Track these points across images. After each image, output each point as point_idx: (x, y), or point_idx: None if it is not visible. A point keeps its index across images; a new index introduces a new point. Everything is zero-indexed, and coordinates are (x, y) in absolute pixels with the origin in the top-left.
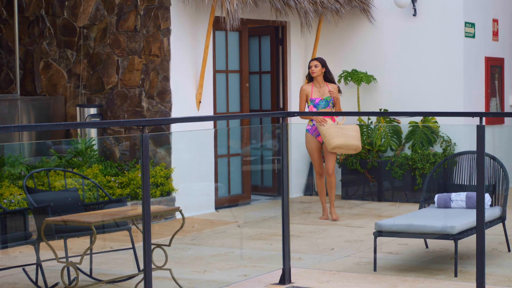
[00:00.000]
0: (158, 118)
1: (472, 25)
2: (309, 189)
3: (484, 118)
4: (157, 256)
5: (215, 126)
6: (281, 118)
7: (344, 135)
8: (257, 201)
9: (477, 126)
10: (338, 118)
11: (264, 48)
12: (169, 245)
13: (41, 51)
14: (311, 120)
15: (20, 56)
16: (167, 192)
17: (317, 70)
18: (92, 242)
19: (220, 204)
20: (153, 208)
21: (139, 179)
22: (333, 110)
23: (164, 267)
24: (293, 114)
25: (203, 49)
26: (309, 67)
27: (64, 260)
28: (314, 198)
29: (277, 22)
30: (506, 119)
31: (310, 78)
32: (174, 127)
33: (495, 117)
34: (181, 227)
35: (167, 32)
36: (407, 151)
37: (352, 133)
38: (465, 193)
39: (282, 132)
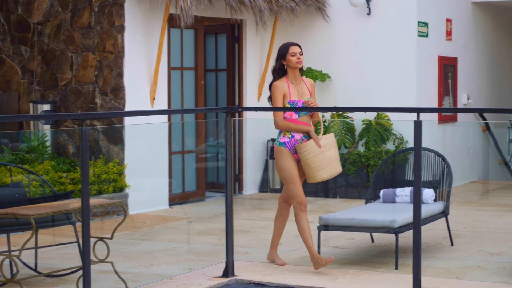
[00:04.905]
0: (96, 112)
1: (426, 24)
2: (264, 186)
3: (437, 114)
4: (103, 251)
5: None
6: (225, 114)
7: (328, 161)
8: (212, 197)
9: (414, 121)
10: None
11: (221, 46)
12: (111, 238)
13: None
14: (290, 131)
15: None
16: (120, 188)
17: (302, 59)
18: (32, 235)
19: (174, 200)
20: (94, 201)
21: (91, 175)
22: (312, 117)
23: (106, 260)
24: (237, 109)
25: (158, 46)
26: (291, 54)
27: (6, 253)
28: (269, 195)
29: (233, 20)
30: (459, 116)
31: (282, 72)
32: (127, 122)
33: (432, 112)
34: (123, 220)
35: (121, 29)
36: (361, 148)
37: (333, 154)
38: (409, 188)
39: (226, 128)
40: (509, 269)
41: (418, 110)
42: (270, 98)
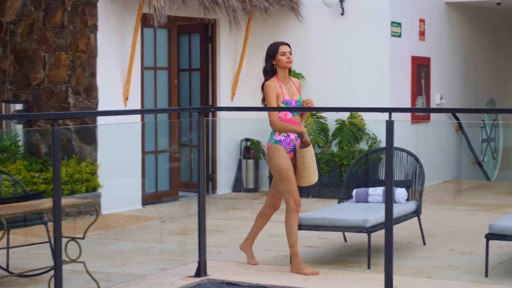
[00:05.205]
0: (68, 112)
1: (399, 24)
2: (238, 186)
3: (410, 114)
4: (76, 251)
5: (142, 121)
6: (198, 114)
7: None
8: (185, 197)
9: (386, 121)
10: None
11: (194, 45)
12: (83, 238)
13: None
14: (286, 131)
15: None
16: (93, 188)
17: (292, 59)
18: (3, 235)
19: (147, 200)
20: (65, 201)
21: (63, 175)
22: (301, 117)
23: (78, 260)
24: (210, 109)
25: (131, 46)
26: (281, 54)
27: None
28: (242, 195)
29: (207, 20)
30: (432, 116)
31: (272, 73)
32: (100, 122)
33: (403, 112)
34: (95, 220)
35: (94, 28)
36: (334, 148)
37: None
38: (382, 187)
39: (198, 128)
40: (480, 268)
41: (390, 110)
42: (263, 99)
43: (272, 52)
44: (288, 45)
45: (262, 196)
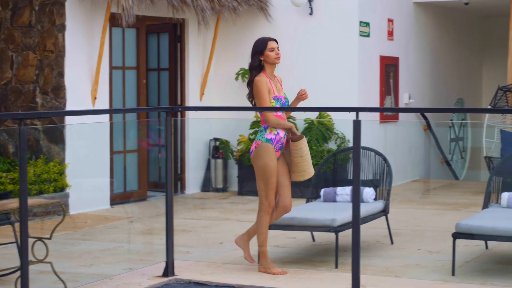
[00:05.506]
0: (34, 112)
1: (367, 24)
2: (206, 186)
3: (379, 114)
4: (43, 251)
5: (110, 120)
6: (166, 113)
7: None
8: (154, 197)
9: (353, 121)
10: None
11: (163, 45)
12: (49, 238)
13: None
14: (279, 127)
15: None
16: (61, 188)
17: (280, 55)
18: None
19: (115, 200)
20: (32, 201)
21: (31, 175)
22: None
23: (45, 260)
24: (177, 109)
25: (99, 45)
26: (270, 50)
27: None
28: (210, 195)
29: (175, 19)
30: (401, 116)
31: (259, 68)
32: (68, 122)
33: (371, 112)
34: (62, 220)
35: (62, 28)
36: None
37: None
38: (350, 187)
39: (166, 127)
40: (447, 267)
41: (357, 110)
42: (250, 96)
43: (260, 48)
44: (276, 40)
45: (230, 195)
